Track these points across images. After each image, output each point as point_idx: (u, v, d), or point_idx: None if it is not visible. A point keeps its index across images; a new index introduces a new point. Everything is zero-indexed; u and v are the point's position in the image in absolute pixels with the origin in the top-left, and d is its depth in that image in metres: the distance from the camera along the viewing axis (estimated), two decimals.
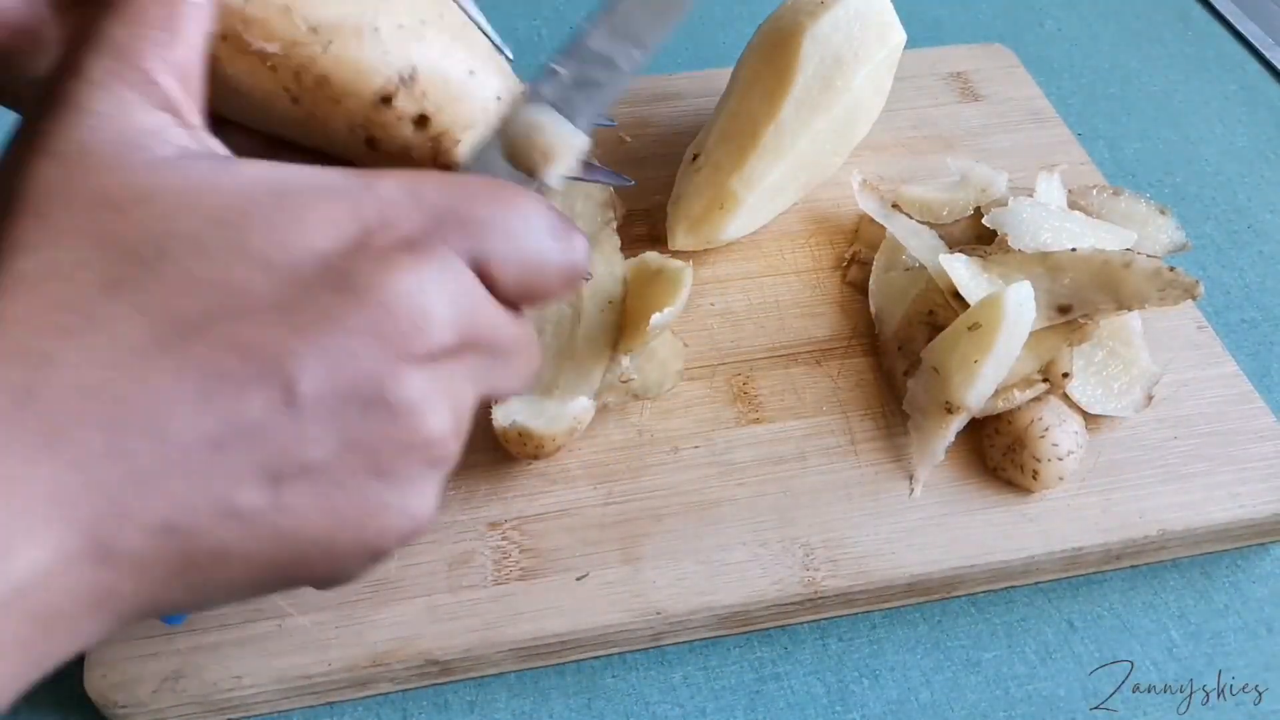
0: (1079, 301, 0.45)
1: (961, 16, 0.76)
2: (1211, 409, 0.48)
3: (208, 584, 0.23)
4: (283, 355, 0.22)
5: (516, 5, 0.76)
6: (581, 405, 0.42)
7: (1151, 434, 0.47)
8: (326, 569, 0.24)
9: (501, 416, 0.42)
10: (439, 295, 0.24)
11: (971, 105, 0.63)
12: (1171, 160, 0.65)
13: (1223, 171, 0.65)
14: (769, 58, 0.52)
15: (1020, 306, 0.44)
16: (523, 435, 0.42)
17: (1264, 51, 0.73)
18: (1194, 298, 0.44)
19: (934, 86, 0.64)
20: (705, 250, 0.53)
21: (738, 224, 0.52)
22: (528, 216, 0.26)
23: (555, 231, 0.27)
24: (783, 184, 0.52)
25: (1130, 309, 0.45)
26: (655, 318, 0.45)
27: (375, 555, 0.25)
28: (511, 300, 0.26)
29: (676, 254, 0.50)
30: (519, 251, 0.26)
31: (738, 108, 0.52)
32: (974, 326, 0.44)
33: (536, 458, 0.43)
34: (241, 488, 0.22)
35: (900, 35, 0.53)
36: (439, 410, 0.24)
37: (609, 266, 0.47)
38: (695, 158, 0.53)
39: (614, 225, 0.47)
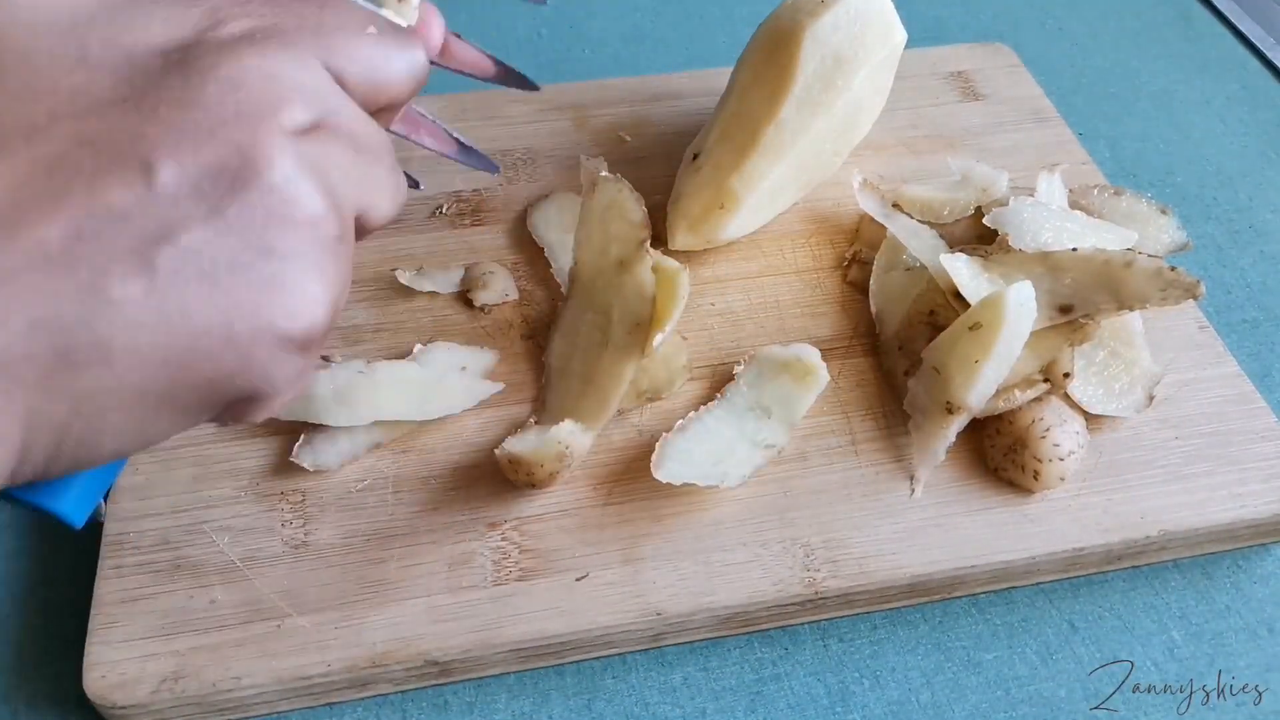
0: (1080, 301, 0.45)
1: (962, 16, 0.76)
2: (1213, 409, 0.48)
3: (96, 390, 0.22)
4: (135, 140, 0.22)
5: (516, 5, 0.76)
6: (567, 429, 0.42)
7: (1153, 434, 0.47)
8: (235, 361, 0.23)
9: (500, 446, 0.42)
10: (288, 71, 0.24)
11: (972, 105, 0.63)
12: (1172, 160, 0.65)
13: (1224, 171, 0.65)
14: (769, 57, 0.52)
15: (1021, 306, 0.44)
16: (513, 462, 0.42)
17: (1265, 51, 0.73)
18: (1195, 298, 0.44)
19: (934, 86, 0.64)
20: (705, 250, 0.53)
21: (738, 224, 0.52)
22: (361, 20, 0.26)
23: (391, 34, 0.27)
24: (783, 184, 0.52)
25: (1131, 309, 0.45)
26: (658, 336, 0.45)
27: (285, 342, 0.24)
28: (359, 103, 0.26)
29: (676, 254, 0.51)
30: (360, 54, 0.26)
31: (738, 108, 0.52)
32: (975, 326, 0.44)
33: (534, 486, 0.43)
34: (111, 275, 0.21)
35: (901, 35, 0.53)
36: (309, 184, 0.23)
37: (640, 289, 0.47)
38: (695, 157, 0.53)
39: (648, 245, 0.47)
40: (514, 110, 0.61)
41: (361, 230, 0.27)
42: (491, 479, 0.44)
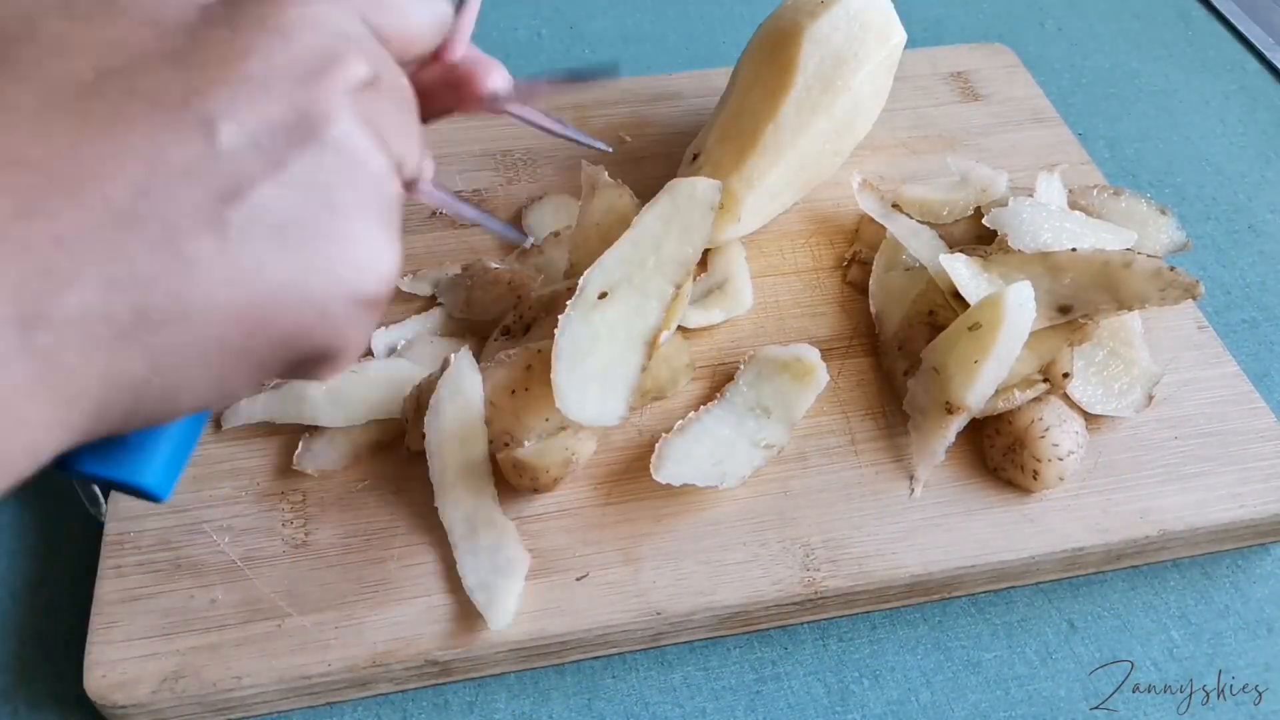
0: (1079, 301, 0.45)
1: (962, 16, 0.76)
2: (1212, 409, 0.48)
3: (175, 347, 0.21)
4: (189, 95, 0.21)
5: (517, 5, 0.76)
6: (572, 434, 0.42)
7: (1152, 434, 0.47)
8: (312, 316, 0.23)
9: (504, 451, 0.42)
10: (334, 21, 0.23)
11: (971, 105, 0.63)
12: (1172, 160, 0.65)
13: (1223, 171, 0.65)
14: (769, 58, 0.52)
15: (1020, 306, 0.44)
16: (518, 466, 0.42)
17: (1264, 51, 0.73)
18: (1194, 298, 0.44)
19: (934, 86, 0.64)
20: (705, 250, 0.53)
21: (738, 224, 0.52)
22: None
23: None
24: (783, 184, 0.52)
25: (1131, 309, 0.45)
26: (662, 335, 0.45)
27: (358, 298, 0.24)
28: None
29: None
30: (392, 4, 0.26)
31: (738, 108, 0.52)
32: (974, 326, 0.44)
33: (536, 490, 0.43)
34: (183, 232, 0.21)
35: (900, 35, 0.53)
36: (369, 140, 0.23)
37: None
38: (695, 158, 0.53)
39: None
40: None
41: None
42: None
